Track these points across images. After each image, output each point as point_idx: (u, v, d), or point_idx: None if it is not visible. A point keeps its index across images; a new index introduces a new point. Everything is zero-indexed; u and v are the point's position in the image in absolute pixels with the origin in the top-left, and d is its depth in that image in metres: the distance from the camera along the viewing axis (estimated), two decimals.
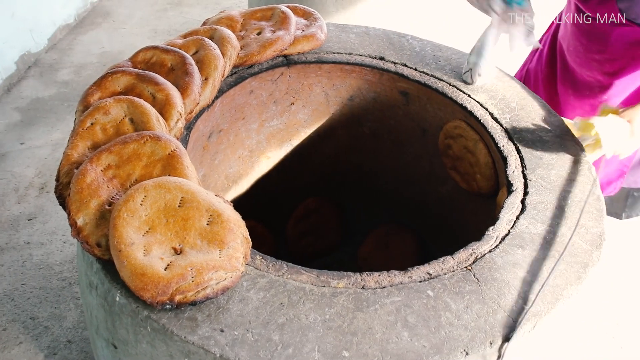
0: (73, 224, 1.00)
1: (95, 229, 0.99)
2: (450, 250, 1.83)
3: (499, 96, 1.45)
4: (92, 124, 1.18)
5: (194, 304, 0.90)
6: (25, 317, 1.96)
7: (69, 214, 1.01)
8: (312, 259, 2.17)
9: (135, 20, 3.70)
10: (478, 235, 1.73)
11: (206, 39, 1.44)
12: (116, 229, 0.95)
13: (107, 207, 1.02)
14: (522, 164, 1.25)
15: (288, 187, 2.04)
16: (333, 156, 2.00)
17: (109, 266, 0.96)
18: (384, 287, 0.97)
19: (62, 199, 1.07)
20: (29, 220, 2.31)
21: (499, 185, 1.43)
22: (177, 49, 1.37)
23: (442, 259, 1.04)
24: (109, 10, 3.82)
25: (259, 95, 1.66)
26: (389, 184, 2.00)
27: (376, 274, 1.00)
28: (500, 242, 1.07)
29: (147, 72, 1.30)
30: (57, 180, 1.10)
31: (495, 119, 1.39)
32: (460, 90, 1.48)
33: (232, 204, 1.06)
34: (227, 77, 1.51)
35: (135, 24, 3.66)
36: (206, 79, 1.37)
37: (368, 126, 1.88)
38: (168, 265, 0.92)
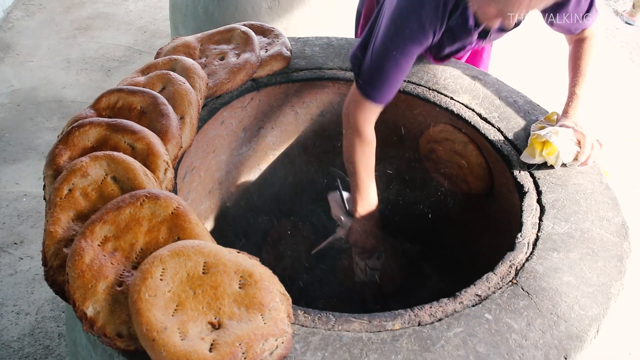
0: (82, 316, 0.85)
1: (111, 316, 0.85)
2: (430, 249, 1.84)
3: (481, 95, 1.44)
4: (70, 190, 1.02)
5: None
6: None
7: (74, 305, 0.86)
8: (291, 282, 2.08)
9: (43, 51, 3.36)
10: (467, 232, 1.73)
11: (172, 73, 1.31)
12: (141, 315, 0.82)
13: (117, 288, 0.88)
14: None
15: (259, 213, 1.93)
16: (303, 174, 1.91)
17: (137, 358, 0.83)
18: (440, 320, 0.92)
19: (58, 286, 0.91)
20: None
21: (494, 185, 1.43)
22: (145, 89, 1.23)
23: (484, 277, 1.00)
24: (9, 43, 3.44)
25: (229, 124, 1.54)
26: None
27: (427, 306, 0.94)
28: (533, 249, 1.05)
29: (118, 120, 1.15)
30: (44, 265, 0.94)
31: (485, 119, 1.37)
32: (442, 94, 1.45)
33: (257, 258, 0.95)
34: None
35: (44, 55, 3.32)
36: (182, 117, 1.24)
37: (340, 139, 1.81)
38: (212, 344, 0.81)
